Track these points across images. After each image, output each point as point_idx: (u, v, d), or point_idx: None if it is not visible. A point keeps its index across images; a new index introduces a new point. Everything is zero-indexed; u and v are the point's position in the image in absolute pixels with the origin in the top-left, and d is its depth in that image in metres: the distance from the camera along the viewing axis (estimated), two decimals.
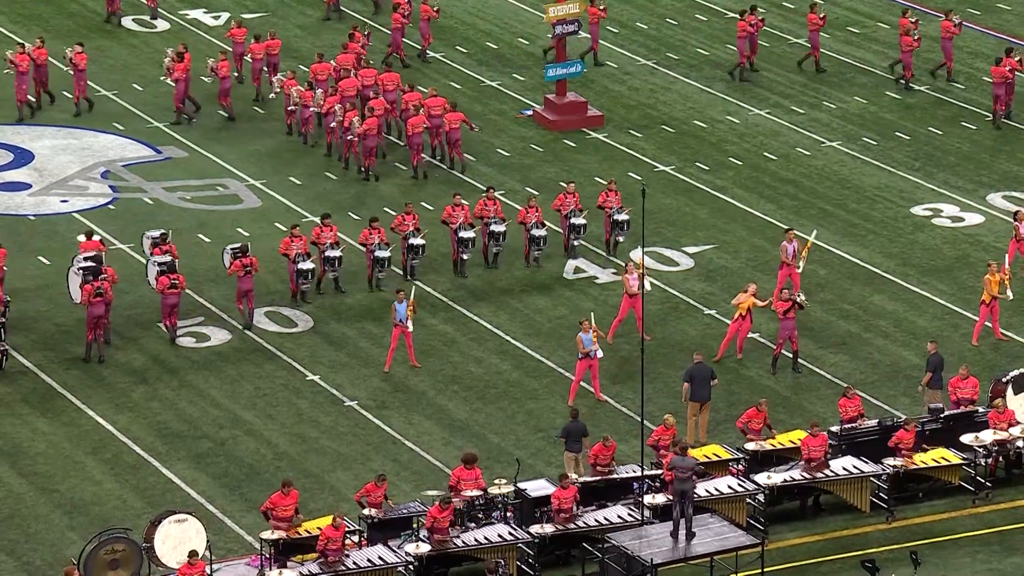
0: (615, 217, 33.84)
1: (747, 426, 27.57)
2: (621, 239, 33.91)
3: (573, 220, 33.94)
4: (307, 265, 32.42)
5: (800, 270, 31.87)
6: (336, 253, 32.81)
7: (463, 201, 33.99)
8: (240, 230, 35.40)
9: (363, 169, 37.01)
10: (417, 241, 33.24)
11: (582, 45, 42.11)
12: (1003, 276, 30.71)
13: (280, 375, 30.93)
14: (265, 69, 39.92)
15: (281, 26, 43.59)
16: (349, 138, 37.04)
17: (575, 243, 34.01)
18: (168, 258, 32.08)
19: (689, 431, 28.33)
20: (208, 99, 40.14)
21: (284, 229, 34.99)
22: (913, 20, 40.29)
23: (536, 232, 33.67)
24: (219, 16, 44.42)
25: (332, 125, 37.36)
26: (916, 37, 40.11)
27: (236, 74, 40.12)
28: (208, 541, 25.63)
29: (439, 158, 37.57)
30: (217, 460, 28.63)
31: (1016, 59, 38.63)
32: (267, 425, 29.54)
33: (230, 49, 40.71)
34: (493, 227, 33.61)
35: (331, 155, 37.76)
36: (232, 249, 32.47)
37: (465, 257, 33.56)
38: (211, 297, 33.10)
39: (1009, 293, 30.91)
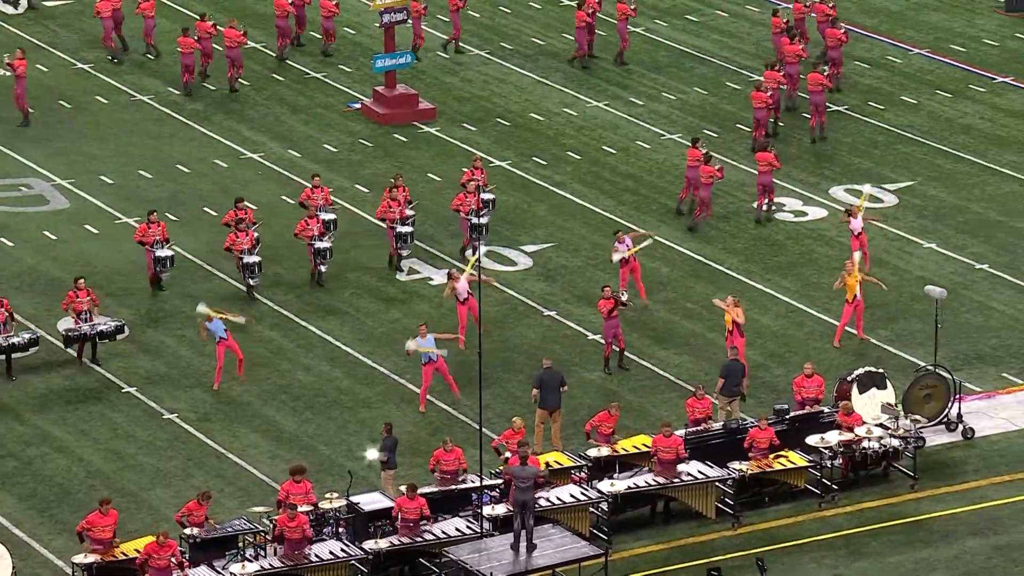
0: (482, 197, 33.90)
1: (596, 429, 27.99)
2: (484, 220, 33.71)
3: (483, 195, 34.00)
4: (165, 252, 32.63)
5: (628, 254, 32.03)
6: (166, 252, 32.77)
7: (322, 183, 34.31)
8: (47, 233, 34.95)
9: (24, 114, 38.18)
10: (252, 259, 32.80)
11: (404, 36, 42.26)
12: (855, 275, 31.32)
13: (93, 387, 30.64)
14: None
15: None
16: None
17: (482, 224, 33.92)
18: None
19: (537, 439, 28.60)
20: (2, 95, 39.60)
21: (95, 232, 34.65)
22: None
23: (401, 228, 33.63)
24: (18, 4, 43.69)
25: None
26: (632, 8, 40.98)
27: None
28: (13, 568, 25.27)
29: (235, 89, 39.28)
30: (23, 480, 28.25)
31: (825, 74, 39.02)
32: (79, 441, 29.24)
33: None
34: (399, 228, 33.61)
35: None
36: None
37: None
38: (16, 304, 32.61)
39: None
